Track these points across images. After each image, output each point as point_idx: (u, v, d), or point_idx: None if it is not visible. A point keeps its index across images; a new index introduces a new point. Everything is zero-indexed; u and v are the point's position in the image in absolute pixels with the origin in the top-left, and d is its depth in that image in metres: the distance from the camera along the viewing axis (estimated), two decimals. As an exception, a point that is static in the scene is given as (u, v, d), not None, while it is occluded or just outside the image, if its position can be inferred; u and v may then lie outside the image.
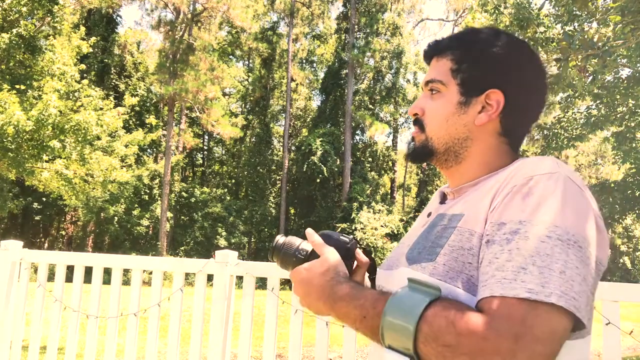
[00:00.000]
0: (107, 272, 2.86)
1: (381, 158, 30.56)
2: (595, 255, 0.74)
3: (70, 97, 9.79)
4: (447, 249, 0.82)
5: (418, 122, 0.98)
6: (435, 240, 0.86)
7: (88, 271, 2.95)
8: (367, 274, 1.04)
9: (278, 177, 29.63)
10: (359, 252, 1.02)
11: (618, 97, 10.01)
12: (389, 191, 31.39)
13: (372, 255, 1.05)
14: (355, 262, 1.01)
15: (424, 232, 0.92)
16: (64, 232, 27.10)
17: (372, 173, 28.31)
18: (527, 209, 0.75)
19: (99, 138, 10.06)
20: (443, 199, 1.01)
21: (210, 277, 2.63)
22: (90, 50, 11.76)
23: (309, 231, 0.98)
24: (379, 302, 0.78)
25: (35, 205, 23.04)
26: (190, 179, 31.29)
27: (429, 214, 0.99)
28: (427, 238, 0.89)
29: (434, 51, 0.99)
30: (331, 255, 0.93)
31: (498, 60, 0.91)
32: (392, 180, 31.57)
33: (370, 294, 0.82)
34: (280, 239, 1.03)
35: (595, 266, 0.74)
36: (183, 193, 26.14)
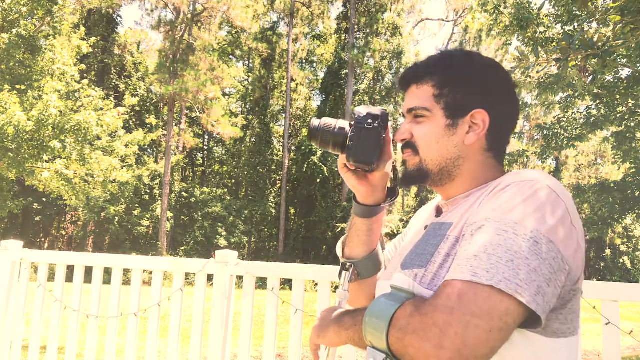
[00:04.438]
0: (107, 272, 2.86)
1: (381, 158, 30.52)
2: (559, 253, 0.77)
3: (71, 97, 9.78)
4: (437, 256, 0.87)
5: (410, 145, 1.01)
6: (427, 247, 0.91)
7: (88, 271, 2.95)
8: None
9: (278, 177, 29.63)
10: (391, 143, 1.09)
11: (618, 97, 10.01)
12: (389, 191, 31.34)
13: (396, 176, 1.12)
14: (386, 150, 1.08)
15: (419, 241, 0.96)
16: (64, 232, 27.11)
17: (372, 173, 28.26)
18: (496, 208, 0.81)
19: (99, 138, 10.05)
20: (439, 212, 1.04)
21: (210, 277, 2.63)
22: (90, 50, 11.74)
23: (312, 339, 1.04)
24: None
25: (36, 205, 23.03)
26: (190, 179, 31.29)
27: (426, 227, 1.03)
28: (419, 246, 0.94)
29: (412, 78, 1.01)
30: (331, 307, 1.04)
31: (477, 81, 0.96)
32: (392, 180, 31.52)
33: (364, 308, 0.88)
34: (315, 122, 1.06)
35: (557, 263, 0.77)
36: (183, 193, 26.13)
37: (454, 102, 0.96)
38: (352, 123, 1.03)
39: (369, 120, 1.01)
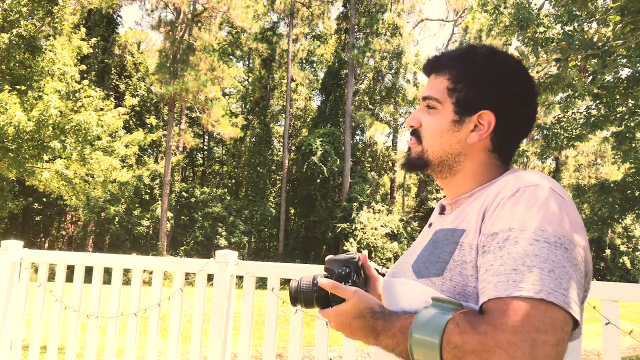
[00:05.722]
0: (108, 272, 2.86)
1: (381, 158, 30.57)
2: (582, 256, 0.79)
3: (71, 97, 9.77)
4: (452, 264, 0.87)
5: (415, 134, 1.02)
6: (441, 255, 0.90)
7: (88, 271, 2.95)
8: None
9: (278, 177, 29.63)
10: (370, 267, 1.10)
11: (618, 97, 10.00)
12: (389, 191, 31.39)
13: (383, 272, 1.13)
14: (364, 275, 1.09)
15: (429, 246, 0.96)
16: (64, 232, 27.11)
17: (372, 173, 28.31)
18: (515, 216, 0.80)
19: (99, 138, 10.05)
20: (442, 210, 1.06)
21: (210, 277, 2.63)
22: (91, 50, 11.74)
23: (323, 282, 0.98)
24: (405, 328, 0.83)
25: (36, 205, 23.04)
26: (190, 179, 31.30)
27: (430, 225, 1.05)
28: (432, 252, 0.93)
29: (433, 67, 1.03)
30: (359, 296, 0.93)
31: (492, 83, 0.96)
32: (392, 180, 31.56)
33: (399, 323, 0.85)
34: (293, 283, 1.06)
35: (583, 266, 0.79)
36: (183, 193, 26.13)
37: (465, 99, 0.96)
38: (328, 276, 1.02)
39: (343, 283, 0.99)
